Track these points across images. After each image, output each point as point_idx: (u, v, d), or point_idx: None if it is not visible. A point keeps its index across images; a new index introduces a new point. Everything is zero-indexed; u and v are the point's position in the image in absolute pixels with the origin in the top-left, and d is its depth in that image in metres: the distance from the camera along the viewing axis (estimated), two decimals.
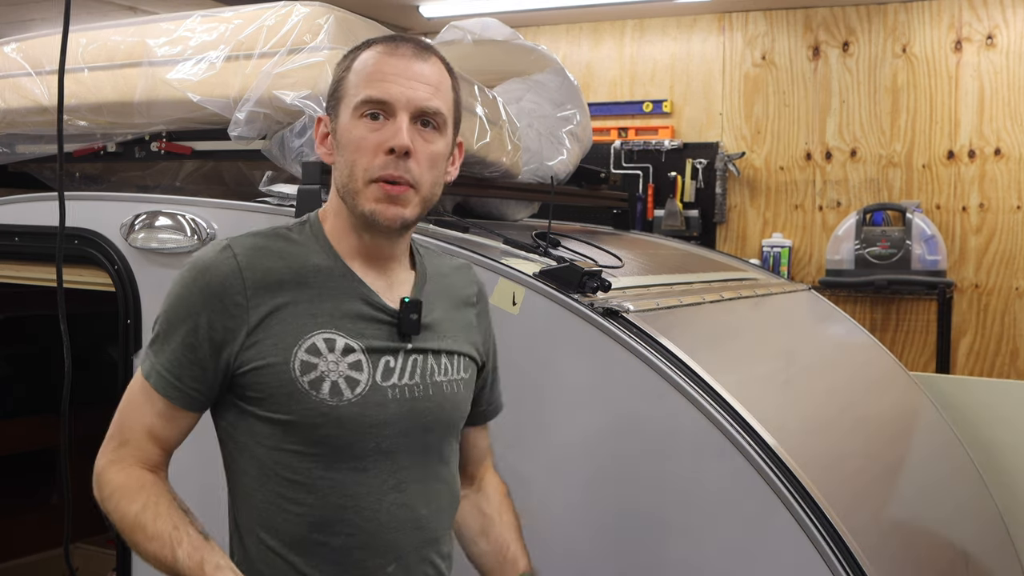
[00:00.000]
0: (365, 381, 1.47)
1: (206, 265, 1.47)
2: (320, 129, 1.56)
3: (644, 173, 5.66)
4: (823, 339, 3.11)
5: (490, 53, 3.13)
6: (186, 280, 1.47)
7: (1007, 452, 3.02)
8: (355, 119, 1.48)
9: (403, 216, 1.48)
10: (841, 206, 5.36)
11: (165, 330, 1.47)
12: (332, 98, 1.54)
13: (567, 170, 3.07)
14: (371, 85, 1.48)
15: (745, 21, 5.57)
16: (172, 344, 1.46)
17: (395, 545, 1.48)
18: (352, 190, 1.48)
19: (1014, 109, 5.03)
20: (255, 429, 1.47)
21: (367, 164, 1.46)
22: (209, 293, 1.45)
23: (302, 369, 1.44)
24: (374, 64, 1.50)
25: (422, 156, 1.48)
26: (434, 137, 1.51)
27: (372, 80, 1.48)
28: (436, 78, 1.53)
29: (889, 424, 2.74)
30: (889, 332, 5.21)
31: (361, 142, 1.47)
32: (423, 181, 1.49)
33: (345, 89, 1.51)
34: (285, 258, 1.49)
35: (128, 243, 2.35)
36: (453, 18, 3.36)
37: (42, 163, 2.79)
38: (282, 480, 1.46)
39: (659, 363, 1.89)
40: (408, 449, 1.50)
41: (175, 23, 2.48)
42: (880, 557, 1.88)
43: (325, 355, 1.45)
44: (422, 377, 1.52)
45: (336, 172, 1.51)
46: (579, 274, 2.01)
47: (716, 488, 1.87)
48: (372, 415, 1.46)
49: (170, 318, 1.47)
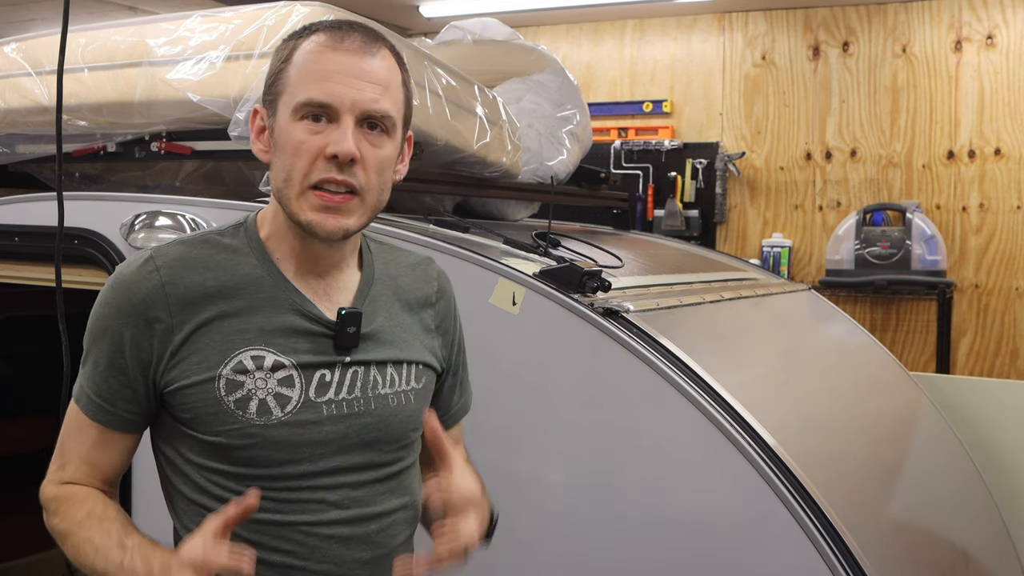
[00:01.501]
0: (296, 398, 1.37)
1: (126, 282, 1.38)
2: (256, 122, 1.43)
3: (644, 173, 5.66)
4: (823, 339, 3.11)
5: (490, 53, 3.14)
6: (107, 299, 1.39)
7: (1007, 452, 3.02)
8: (294, 120, 1.35)
9: (345, 227, 1.37)
10: (841, 206, 5.36)
11: (91, 352, 1.40)
12: (269, 91, 1.40)
13: (567, 170, 3.07)
14: (313, 85, 1.34)
15: (745, 21, 5.57)
16: (100, 367, 1.38)
17: (341, 559, 1.40)
18: (288, 196, 1.36)
19: (1014, 109, 5.03)
20: (186, 446, 1.39)
21: (306, 169, 1.34)
22: (131, 311, 1.36)
23: (227, 388, 1.35)
24: (316, 59, 1.36)
25: (369, 162, 1.36)
26: (382, 141, 1.39)
27: (314, 79, 1.35)
28: (385, 75, 1.39)
29: (889, 424, 2.74)
30: (889, 332, 5.21)
31: (300, 146, 1.35)
32: (370, 188, 1.37)
33: (284, 84, 1.38)
34: (213, 269, 1.39)
35: (128, 243, 2.35)
36: (453, 18, 3.36)
37: (42, 163, 2.79)
38: (214, 498, 1.37)
39: (659, 363, 1.89)
40: (350, 467, 1.41)
41: (175, 23, 2.48)
42: (880, 557, 1.88)
43: (252, 372, 1.35)
44: (362, 391, 1.42)
45: (272, 174, 1.40)
46: (579, 274, 2.01)
47: (716, 488, 1.87)
48: (305, 434, 1.37)
49: (95, 339, 1.39)
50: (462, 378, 1.64)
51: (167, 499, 1.47)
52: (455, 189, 2.68)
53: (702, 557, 1.87)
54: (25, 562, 3.60)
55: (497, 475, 1.77)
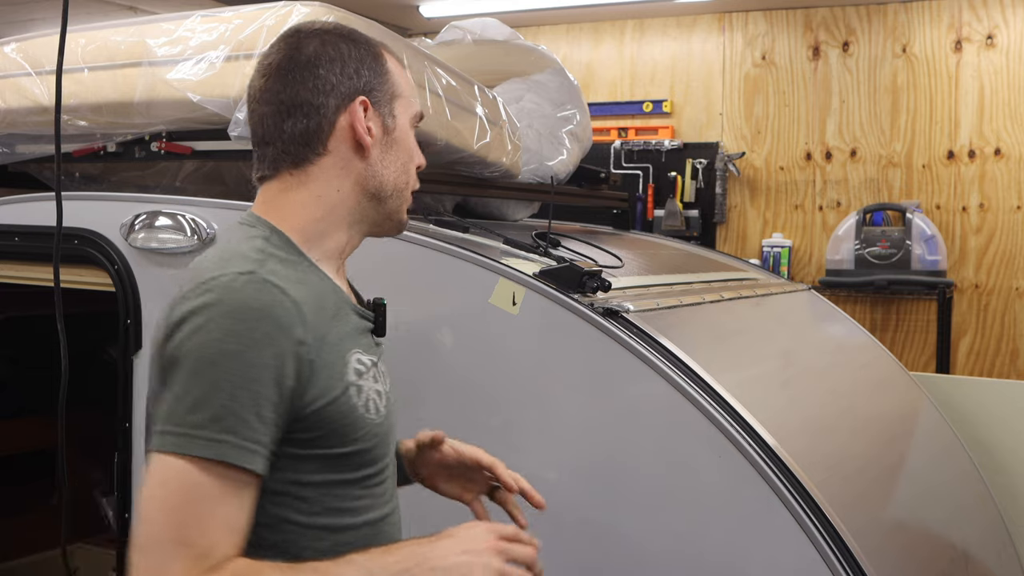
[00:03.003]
0: (384, 391, 1.41)
1: (263, 307, 1.25)
2: (359, 112, 1.40)
3: (644, 173, 5.66)
4: (823, 339, 3.11)
5: (490, 53, 3.14)
6: (241, 332, 1.23)
7: (1007, 452, 3.02)
8: (410, 127, 1.47)
9: None
10: (841, 206, 5.36)
11: (228, 392, 1.20)
12: (382, 89, 1.43)
13: (567, 170, 3.07)
14: (417, 98, 1.50)
15: (745, 21, 5.57)
16: (244, 407, 1.21)
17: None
18: (403, 196, 1.45)
19: (1014, 109, 5.03)
20: (303, 470, 1.31)
21: (415, 176, 1.47)
22: (279, 338, 1.24)
23: (356, 394, 1.34)
24: (407, 74, 1.50)
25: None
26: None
27: (414, 92, 1.49)
28: None
29: (889, 424, 2.74)
30: (889, 332, 5.21)
31: (414, 152, 1.47)
32: None
33: (399, 88, 1.46)
34: (303, 282, 1.33)
35: (128, 243, 2.35)
36: (453, 18, 3.36)
37: (42, 163, 2.79)
38: (334, 512, 1.34)
39: (659, 363, 1.89)
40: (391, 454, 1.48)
41: (175, 23, 2.48)
42: (880, 557, 1.88)
43: (363, 374, 1.36)
44: (389, 380, 1.47)
45: (386, 171, 1.42)
46: (579, 274, 2.01)
47: (716, 488, 1.87)
48: (391, 425, 1.44)
49: (236, 380, 1.21)
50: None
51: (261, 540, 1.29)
52: (455, 189, 2.68)
53: (702, 556, 1.87)
54: (25, 562, 3.60)
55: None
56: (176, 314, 1.27)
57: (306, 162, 1.40)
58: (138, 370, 2.34)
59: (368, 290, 1.55)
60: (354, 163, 1.41)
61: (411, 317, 2.03)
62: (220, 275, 1.27)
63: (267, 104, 1.41)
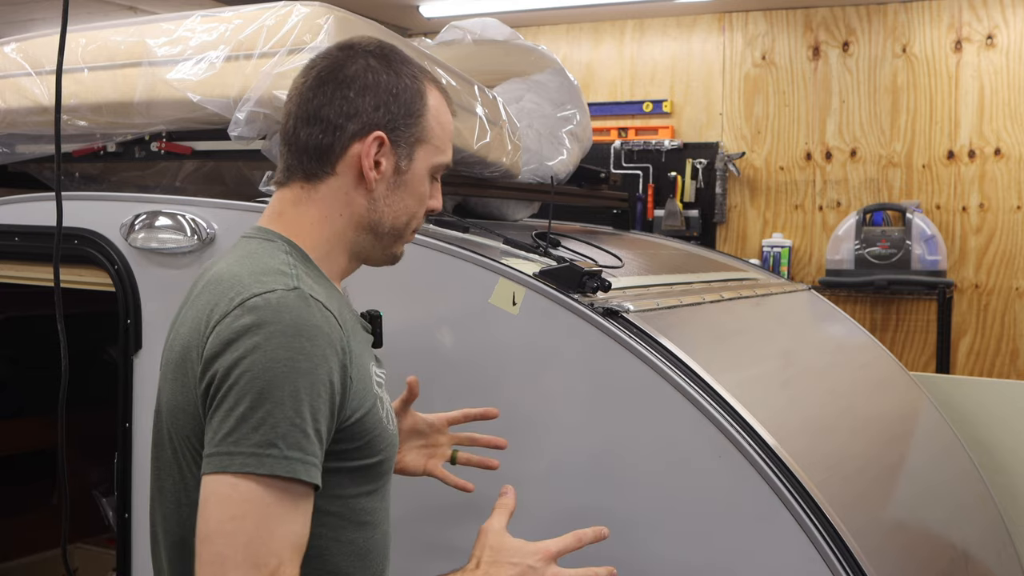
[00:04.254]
0: (389, 402, 1.46)
1: (318, 324, 1.27)
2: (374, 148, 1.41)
3: (644, 173, 5.66)
4: (823, 339, 3.11)
5: (490, 53, 3.13)
6: (302, 349, 1.24)
7: (1007, 452, 3.02)
8: (427, 174, 1.47)
9: None
10: (841, 206, 5.37)
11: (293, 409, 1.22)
12: (407, 131, 1.43)
13: (567, 170, 3.07)
14: (448, 148, 1.48)
15: (745, 21, 5.57)
16: (311, 423, 1.23)
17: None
18: (400, 235, 1.47)
19: (1014, 109, 5.04)
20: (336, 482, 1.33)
21: (421, 218, 1.49)
22: (331, 352, 1.27)
23: (381, 406, 1.40)
24: (447, 122, 1.48)
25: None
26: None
27: (448, 142, 1.48)
28: None
29: (889, 424, 2.74)
30: (889, 332, 5.21)
31: (423, 199, 1.48)
32: None
33: (427, 133, 1.45)
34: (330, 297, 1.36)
35: (128, 243, 2.35)
36: (453, 18, 3.36)
37: (42, 163, 2.79)
38: (357, 524, 1.38)
39: (659, 363, 1.89)
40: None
41: (175, 23, 2.48)
42: (880, 557, 1.88)
43: (382, 385, 1.44)
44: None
45: (387, 209, 1.43)
46: (579, 274, 2.01)
47: (716, 488, 1.87)
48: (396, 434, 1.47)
49: (301, 397, 1.22)
50: None
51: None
52: (455, 189, 2.68)
53: (702, 557, 1.87)
54: (25, 562, 3.60)
55: (496, 474, 1.77)
56: (227, 332, 1.26)
57: (316, 178, 1.42)
58: (138, 370, 2.34)
59: (368, 291, 1.56)
60: (357, 193, 1.42)
61: (411, 317, 2.03)
62: (266, 291, 1.28)
63: (297, 106, 1.44)
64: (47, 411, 2.63)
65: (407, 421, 1.73)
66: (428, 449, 1.75)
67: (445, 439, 1.77)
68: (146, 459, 1.49)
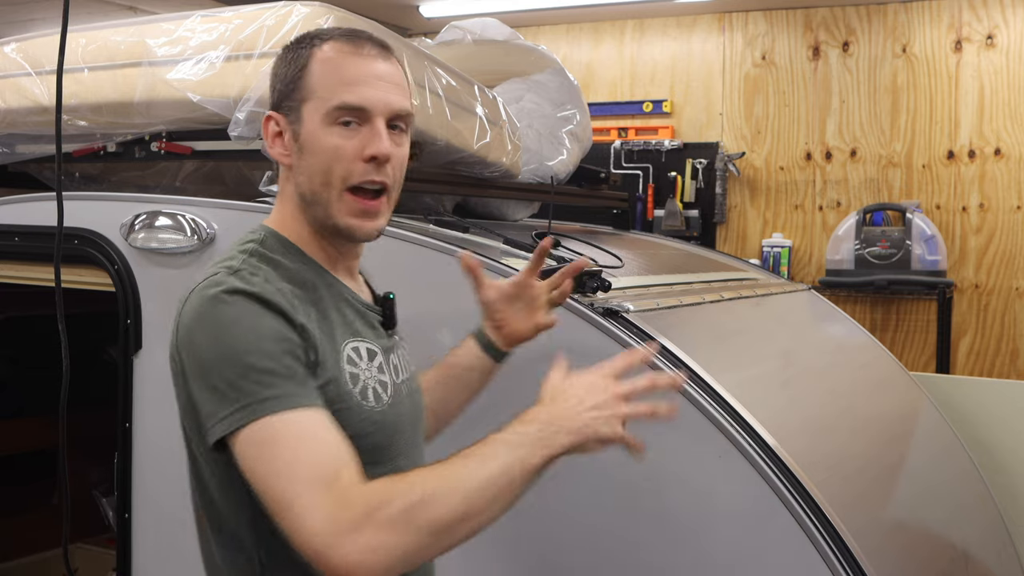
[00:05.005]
0: (390, 381, 1.46)
1: (244, 290, 1.32)
2: (271, 127, 1.46)
3: (644, 173, 5.66)
4: (823, 339, 3.11)
5: (490, 53, 3.14)
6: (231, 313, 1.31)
7: (1007, 452, 3.02)
8: (327, 125, 1.41)
9: (380, 228, 1.46)
10: (841, 206, 5.37)
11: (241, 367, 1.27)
12: (290, 98, 1.44)
13: (567, 170, 3.07)
14: (344, 90, 1.40)
15: (745, 21, 5.57)
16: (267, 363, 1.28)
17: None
18: (326, 199, 1.42)
19: (1014, 109, 5.04)
20: None
21: (344, 172, 1.41)
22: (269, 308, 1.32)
23: (351, 381, 1.39)
24: (341, 65, 1.42)
25: (395, 160, 1.44)
26: (402, 139, 1.47)
27: (344, 84, 1.41)
28: (400, 77, 1.47)
29: (889, 424, 2.74)
30: (889, 332, 5.21)
31: (337, 151, 1.40)
32: (396, 185, 1.46)
33: (309, 89, 1.42)
34: (285, 279, 1.39)
35: (128, 243, 2.35)
36: (453, 18, 3.36)
37: (42, 163, 2.79)
38: None
39: (659, 363, 1.89)
40: (413, 444, 1.53)
41: (175, 23, 2.48)
42: (880, 557, 1.88)
43: (359, 363, 1.41)
44: (407, 371, 1.55)
45: (301, 177, 1.44)
46: (579, 274, 2.00)
47: (716, 488, 1.87)
48: (400, 414, 1.47)
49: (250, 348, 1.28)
50: None
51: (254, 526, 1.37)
52: (455, 189, 2.68)
53: (702, 556, 1.87)
54: (25, 562, 3.60)
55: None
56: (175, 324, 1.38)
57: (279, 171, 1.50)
58: (138, 370, 2.34)
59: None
60: (290, 173, 1.47)
61: (410, 317, 2.03)
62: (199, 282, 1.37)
63: None
64: (47, 411, 2.63)
65: (490, 294, 1.71)
66: (527, 311, 1.74)
67: (540, 289, 1.74)
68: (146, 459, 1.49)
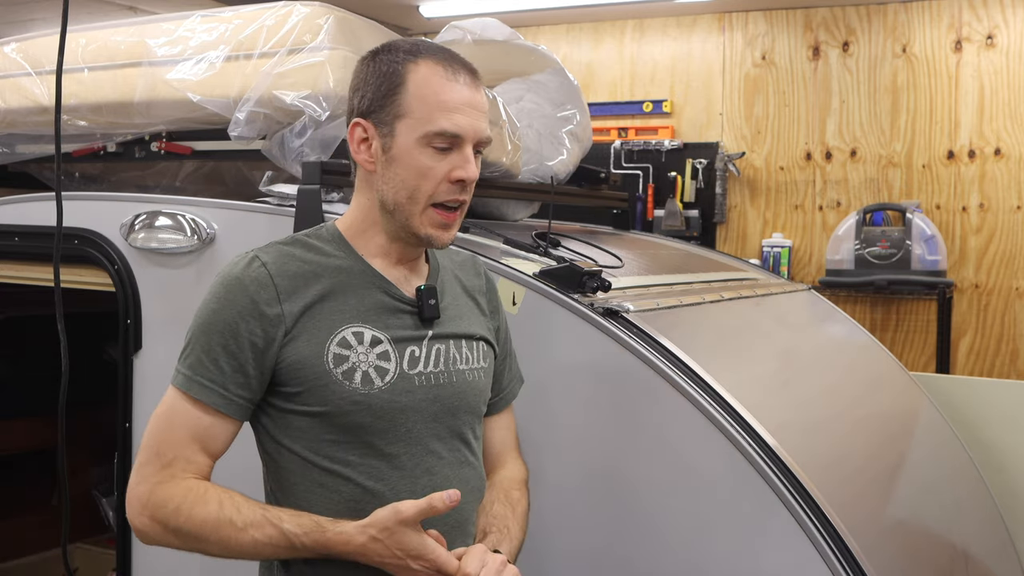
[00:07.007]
0: (393, 370, 1.54)
1: (238, 278, 1.52)
2: (357, 133, 1.57)
3: (644, 173, 5.66)
4: (823, 339, 3.11)
5: (490, 53, 3.13)
6: (220, 294, 1.52)
7: (1007, 452, 3.02)
8: (421, 146, 1.52)
9: (454, 237, 1.60)
10: (841, 206, 5.37)
11: (204, 343, 1.51)
12: (384, 111, 1.54)
13: (567, 170, 3.07)
14: (444, 116, 1.52)
15: (745, 21, 5.57)
16: (213, 355, 1.51)
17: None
18: (410, 212, 1.54)
19: (1014, 109, 5.04)
20: (294, 425, 1.53)
21: (431, 190, 1.53)
22: (246, 303, 1.51)
23: (335, 361, 1.51)
24: (441, 91, 1.53)
25: (474, 180, 1.57)
26: (478, 161, 1.58)
27: (443, 110, 1.52)
28: (486, 104, 1.59)
29: (889, 424, 2.74)
30: (889, 332, 5.21)
31: (428, 171, 1.52)
32: (469, 201, 1.60)
33: (405, 107, 1.53)
34: (308, 262, 1.56)
35: (128, 243, 2.35)
36: (453, 18, 3.36)
37: (42, 163, 2.80)
38: (322, 470, 1.53)
39: (659, 363, 1.89)
40: (437, 435, 1.57)
41: (175, 23, 2.48)
42: (880, 557, 1.88)
43: (355, 347, 1.52)
44: (445, 365, 1.60)
45: (385, 187, 1.55)
46: (579, 274, 2.01)
47: (716, 488, 1.87)
48: (400, 401, 1.53)
49: (208, 331, 1.51)
50: (511, 363, 1.81)
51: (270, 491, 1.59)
52: None
53: (702, 556, 1.87)
54: (25, 562, 3.60)
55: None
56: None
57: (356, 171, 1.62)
58: (138, 370, 2.34)
59: None
60: (370, 177, 1.58)
61: None
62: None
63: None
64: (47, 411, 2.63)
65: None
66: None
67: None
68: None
